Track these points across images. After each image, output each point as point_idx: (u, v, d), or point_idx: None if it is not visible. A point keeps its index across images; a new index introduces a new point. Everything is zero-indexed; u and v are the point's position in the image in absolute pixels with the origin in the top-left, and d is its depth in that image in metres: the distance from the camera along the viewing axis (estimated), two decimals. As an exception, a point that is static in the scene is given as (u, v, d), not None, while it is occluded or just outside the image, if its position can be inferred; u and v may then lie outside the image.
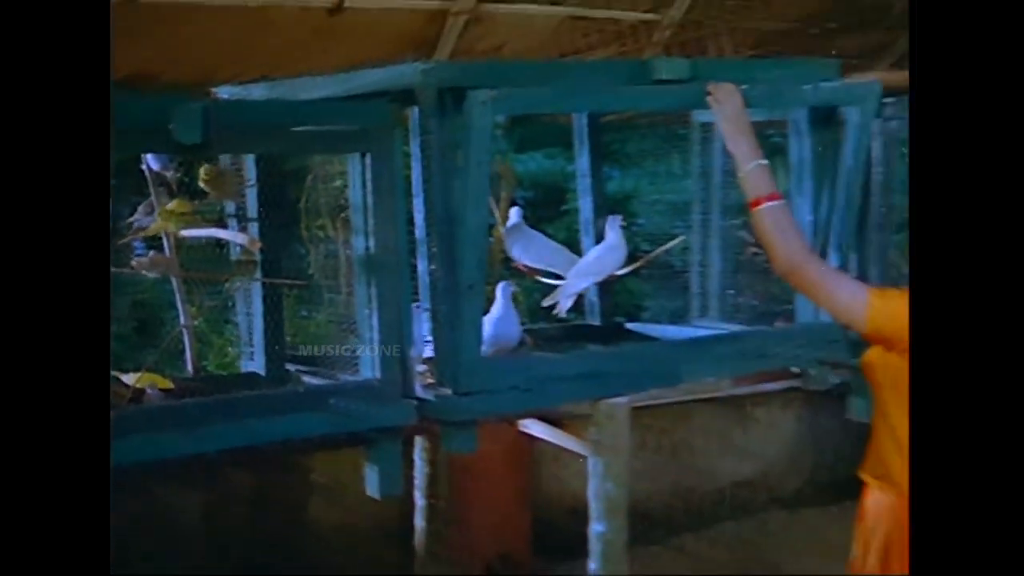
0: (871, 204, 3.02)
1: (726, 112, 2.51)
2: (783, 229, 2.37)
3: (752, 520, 5.31)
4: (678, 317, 3.42)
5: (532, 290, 3.79)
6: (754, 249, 3.20)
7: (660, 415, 4.90)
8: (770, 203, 2.38)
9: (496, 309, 2.72)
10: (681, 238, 3.42)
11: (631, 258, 3.28)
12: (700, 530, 5.16)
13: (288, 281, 2.71)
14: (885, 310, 2.32)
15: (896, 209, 3.16)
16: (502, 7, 3.67)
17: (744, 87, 2.56)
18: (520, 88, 2.40)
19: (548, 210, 6.30)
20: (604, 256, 2.99)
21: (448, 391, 2.41)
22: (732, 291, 3.35)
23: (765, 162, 2.45)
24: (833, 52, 3.96)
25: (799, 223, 2.47)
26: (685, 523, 5.16)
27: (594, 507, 2.72)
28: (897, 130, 2.96)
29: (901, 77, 3.41)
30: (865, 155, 2.87)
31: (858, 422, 2.94)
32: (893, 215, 3.17)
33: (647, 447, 4.91)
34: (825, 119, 2.89)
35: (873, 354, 2.43)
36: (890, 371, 2.37)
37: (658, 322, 3.42)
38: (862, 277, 3.05)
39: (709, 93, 2.53)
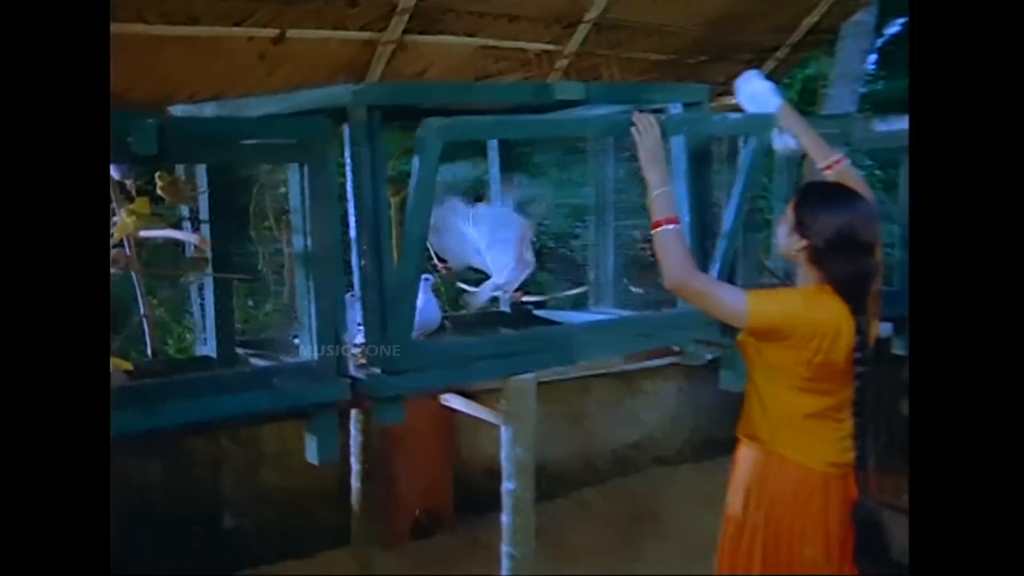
0: (743, 209, 3.03)
1: (645, 143, 2.51)
2: (674, 250, 2.40)
3: (640, 476, 5.35)
4: (578, 304, 3.43)
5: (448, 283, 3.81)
6: (642, 245, 3.22)
7: (563, 389, 4.91)
8: (667, 226, 2.41)
9: (419, 300, 2.71)
10: (583, 288, 3.45)
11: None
12: (597, 485, 5.19)
13: (236, 276, 2.67)
14: (761, 309, 2.36)
15: (759, 212, 3.19)
16: (424, 37, 3.66)
17: (662, 117, 2.59)
18: (458, 115, 2.41)
19: (467, 212, 6.29)
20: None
21: (378, 370, 2.40)
22: (624, 282, 3.37)
23: (668, 189, 2.47)
24: (704, 79, 3.99)
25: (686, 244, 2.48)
26: (584, 479, 5.18)
27: (505, 468, 2.70)
28: (758, 145, 2.97)
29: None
30: (756, 177, 2.89)
31: (727, 392, 2.97)
32: (757, 217, 3.21)
33: (552, 416, 4.91)
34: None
35: (744, 336, 2.48)
36: (760, 349, 2.43)
37: (562, 309, 3.43)
38: (733, 271, 3.08)
39: (633, 123, 2.53)
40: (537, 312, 3.33)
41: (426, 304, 2.76)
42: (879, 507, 2.41)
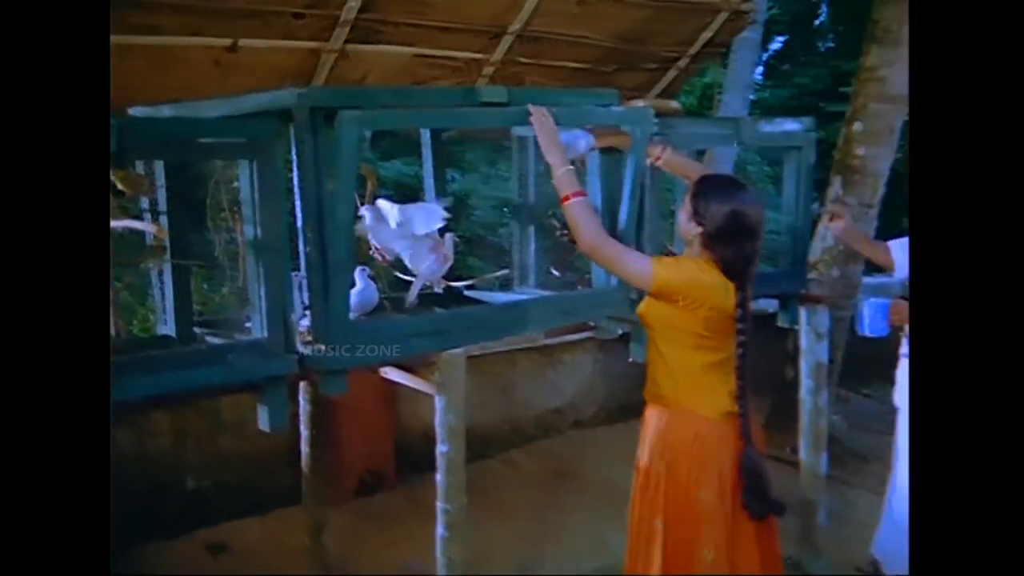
0: (647, 199, 3.03)
1: (542, 131, 2.53)
2: (585, 218, 2.44)
3: (561, 437, 5.38)
4: (504, 286, 3.42)
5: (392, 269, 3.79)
6: (560, 232, 3.23)
7: (492, 361, 4.91)
8: (575, 199, 2.45)
9: (357, 285, 2.70)
10: (505, 271, 3.45)
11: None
12: (522, 446, 5.21)
13: (192, 262, 2.61)
14: (665, 274, 2.42)
15: (662, 202, 3.21)
16: (364, 47, 3.61)
17: (555, 110, 2.60)
18: (378, 109, 2.39)
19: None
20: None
21: (323, 347, 2.37)
22: (545, 265, 3.37)
23: (571, 167, 2.51)
24: (616, 85, 3.99)
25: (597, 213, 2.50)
26: (511, 442, 5.19)
27: (439, 433, 2.69)
28: (664, 143, 2.98)
29: (663, 104, 3.46)
30: (643, 161, 2.89)
31: (636, 362, 2.99)
32: (661, 207, 3.22)
33: (483, 386, 4.91)
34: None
35: (644, 306, 2.55)
36: (658, 316, 2.50)
37: (490, 290, 3.42)
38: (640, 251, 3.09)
39: (529, 114, 2.55)
40: (467, 293, 3.30)
41: (363, 289, 2.76)
42: (761, 456, 2.47)
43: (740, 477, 2.45)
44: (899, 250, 3.54)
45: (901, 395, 3.38)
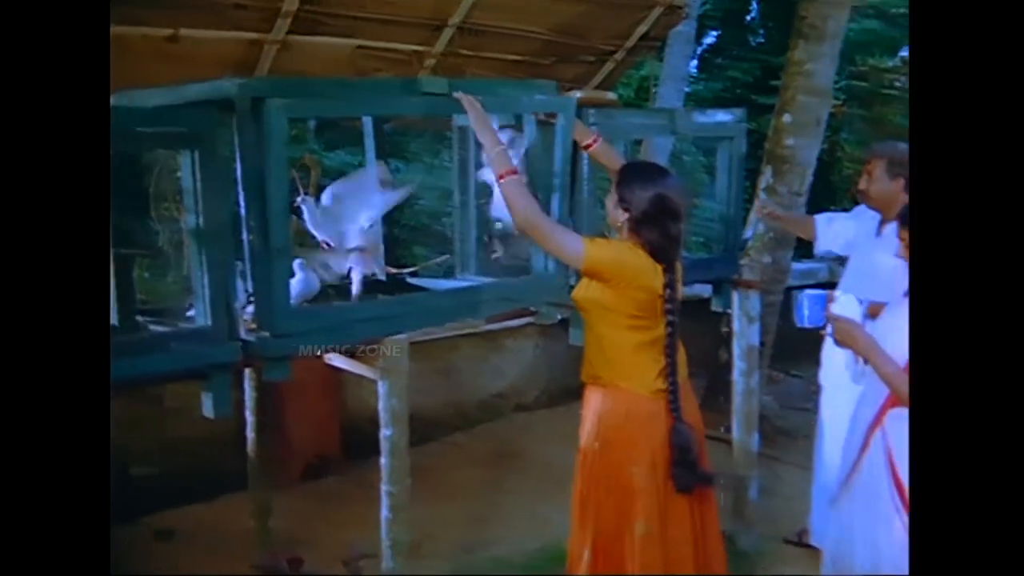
0: (581, 184, 3.04)
1: (472, 115, 2.54)
2: (519, 196, 2.46)
3: (504, 420, 5.39)
4: (447, 273, 3.41)
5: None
6: (499, 219, 3.22)
7: (436, 347, 4.89)
8: (509, 177, 2.46)
9: (297, 275, 2.67)
10: (446, 257, 3.46)
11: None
12: (466, 429, 5.22)
13: (133, 251, 2.56)
14: (596, 252, 2.45)
15: (600, 191, 3.22)
16: (306, 38, 3.56)
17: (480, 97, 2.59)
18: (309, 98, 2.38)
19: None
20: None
21: (267, 334, 2.35)
22: (485, 252, 3.36)
23: (504, 147, 2.52)
24: (554, 77, 3.99)
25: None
26: (456, 425, 5.19)
27: (383, 417, 2.68)
28: (598, 132, 2.99)
29: (600, 96, 3.48)
30: (569, 147, 2.90)
31: (576, 346, 3.00)
32: (598, 195, 3.23)
33: (427, 371, 4.90)
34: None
35: (579, 291, 2.59)
36: (592, 299, 2.53)
37: (433, 277, 3.41)
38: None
39: (457, 100, 2.55)
40: (410, 280, 3.29)
41: (303, 278, 2.74)
42: (690, 430, 2.50)
43: (671, 453, 2.48)
44: (823, 224, 3.66)
45: (825, 374, 3.44)
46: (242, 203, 2.32)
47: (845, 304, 2.56)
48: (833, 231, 3.66)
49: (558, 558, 2.68)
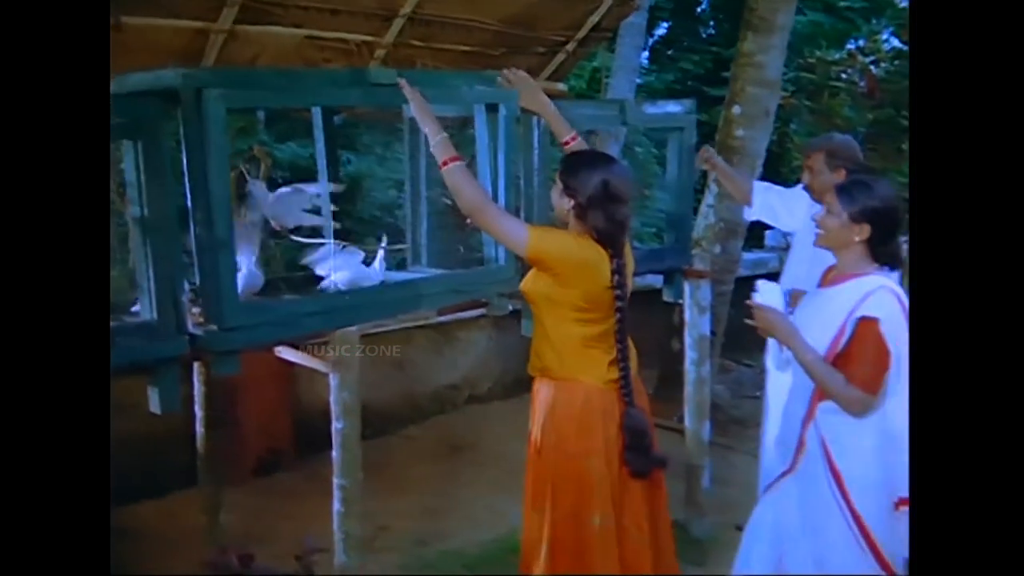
0: (533, 173, 3.04)
1: (414, 104, 2.54)
2: (464, 182, 2.44)
3: (458, 412, 5.39)
4: (399, 265, 3.39)
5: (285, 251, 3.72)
6: (448, 202, 3.21)
7: (388, 339, 4.86)
8: (452, 164, 2.44)
9: (243, 269, 2.64)
10: (404, 245, 3.42)
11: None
12: (420, 422, 5.21)
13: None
14: (541, 242, 2.44)
15: (552, 181, 3.22)
16: (254, 28, 3.50)
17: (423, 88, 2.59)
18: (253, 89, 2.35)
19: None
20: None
21: (214, 327, 2.31)
22: (437, 243, 3.34)
23: (446, 135, 2.50)
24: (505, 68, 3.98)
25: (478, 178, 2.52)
26: (410, 417, 5.18)
27: (334, 410, 2.66)
28: (548, 124, 2.99)
29: (550, 87, 3.48)
30: (513, 136, 2.91)
31: (529, 337, 3.00)
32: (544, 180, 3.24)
33: (380, 364, 4.88)
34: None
35: (526, 282, 2.57)
36: (540, 291, 2.52)
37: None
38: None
39: (400, 88, 2.55)
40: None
41: (248, 272, 2.73)
42: (643, 414, 2.53)
43: (624, 439, 2.49)
44: (761, 191, 3.71)
45: (771, 359, 3.48)
46: (188, 195, 2.29)
47: (766, 291, 2.57)
48: (768, 201, 3.69)
49: (513, 549, 2.69)
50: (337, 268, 2.85)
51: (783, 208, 3.65)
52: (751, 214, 3.79)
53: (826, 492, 2.47)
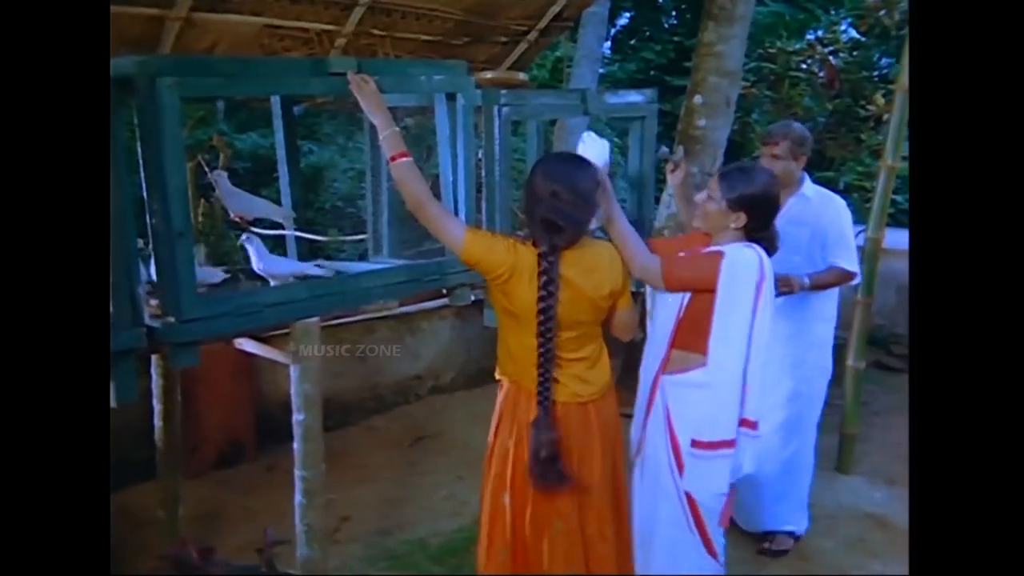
0: (494, 163, 3.04)
1: (363, 96, 2.49)
2: (410, 179, 2.39)
3: (421, 403, 5.38)
4: (361, 256, 3.38)
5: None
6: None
7: (351, 330, 4.86)
8: (400, 160, 2.40)
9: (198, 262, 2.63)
10: (364, 236, 3.42)
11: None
12: (384, 412, 5.19)
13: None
14: (472, 244, 2.36)
15: (511, 172, 3.23)
16: (212, 15, 3.45)
17: (377, 77, 2.56)
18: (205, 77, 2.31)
19: (264, 177, 6.08)
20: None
21: (172, 319, 2.29)
22: (398, 233, 3.34)
23: (396, 129, 2.46)
24: (466, 58, 3.97)
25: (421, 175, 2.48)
26: (373, 408, 5.16)
27: (295, 402, 2.65)
28: (509, 113, 2.99)
29: (511, 76, 3.47)
30: (471, 125, 2.90)
31: (491, 327, 3.00)
32: (510, 175, 3.23)
33: (343, 355, 4.86)
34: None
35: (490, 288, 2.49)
36: (493, 299, 2.46)
37: (348, 259, 3.38)
38: (492, 221, 3.10)
39: (349, 82, 2.51)
40: (322, 263, 3.24)
41: (201, 269, 2.71)
42: (551, 428, 2.41)
43: (532, 447, 2.39)
44: None
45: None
46: (143, 185, 2.26)
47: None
48: None
49: (476, 539, 2.69)
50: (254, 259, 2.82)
51: None
52: None
53: (664, 463, 2.61)
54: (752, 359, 2.49)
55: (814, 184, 3.49)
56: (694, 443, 2.53)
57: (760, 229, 2.58)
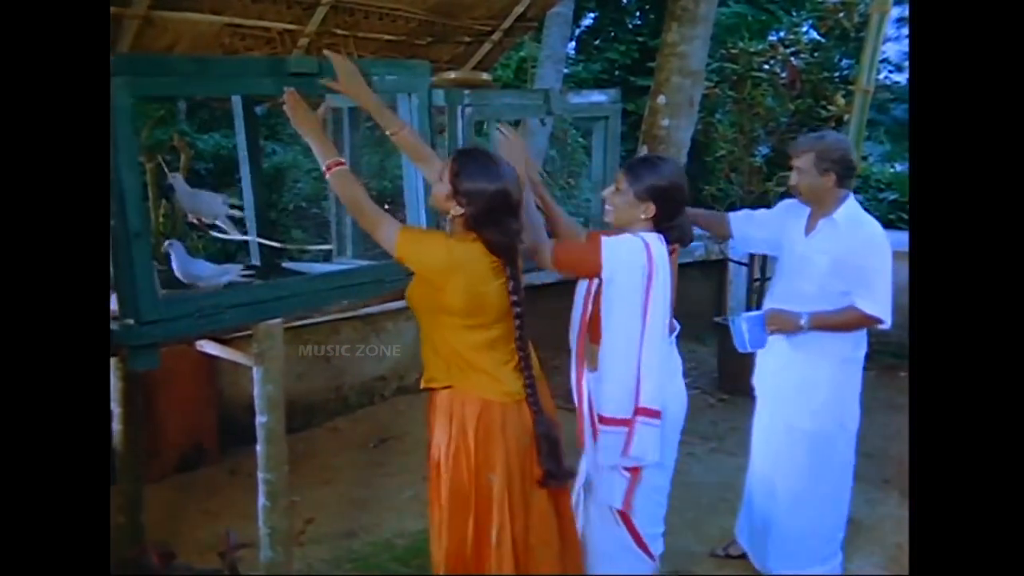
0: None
1: (294, 116, 2.45)
2: (348, 185, 2.39)
3: (386, 404, 5.37)
4: (326, 257, 3.37)
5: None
6: (386, 205, 3.17)
7: (315, 331, 4.83)
8: (336, 168, 2.38)
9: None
10: (331, 246, 3.41)
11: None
12: (348, 414, 5.18)
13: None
14: (406, 243, 2.34)
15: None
16: (171, 14, 3.40)
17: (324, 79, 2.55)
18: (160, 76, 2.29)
19: (226, 177, 6.02)
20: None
21: (131, 321, 2.26)
22: (362, 235, 3.33)
23: (327, 139, 2.49)
24: (430, 58, 3.97)
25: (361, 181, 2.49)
26: (337, 410, 5.15)
27: (258, 404, 2.62)
28: (473, 114, 2.99)
29: (474, 76, 3.48)
30: (427, 123, 2.88)
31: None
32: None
33: (307, 356, 4.83)
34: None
35: (409, 290, 2.48)
36: (421, 299, 2.43)
37: (313, 260, 3.37)
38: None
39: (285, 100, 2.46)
40: (285, 264, 3.23)
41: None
42: (553, 422, 2.45)
43: (538, 446, 2.41)
44: (740, 222, 3.39)
45: None
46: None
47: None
48: (750, 230, 3.36)
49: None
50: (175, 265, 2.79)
51: (758, 234, 3.36)
52: (737, 248, 3.72)
53: (588, 444, 2.67)
54: (645, 346, 2.52)
55: (855, 207, 3.09)
56: (600, 418, 2.61)
57: (668, 219, 2.61)
